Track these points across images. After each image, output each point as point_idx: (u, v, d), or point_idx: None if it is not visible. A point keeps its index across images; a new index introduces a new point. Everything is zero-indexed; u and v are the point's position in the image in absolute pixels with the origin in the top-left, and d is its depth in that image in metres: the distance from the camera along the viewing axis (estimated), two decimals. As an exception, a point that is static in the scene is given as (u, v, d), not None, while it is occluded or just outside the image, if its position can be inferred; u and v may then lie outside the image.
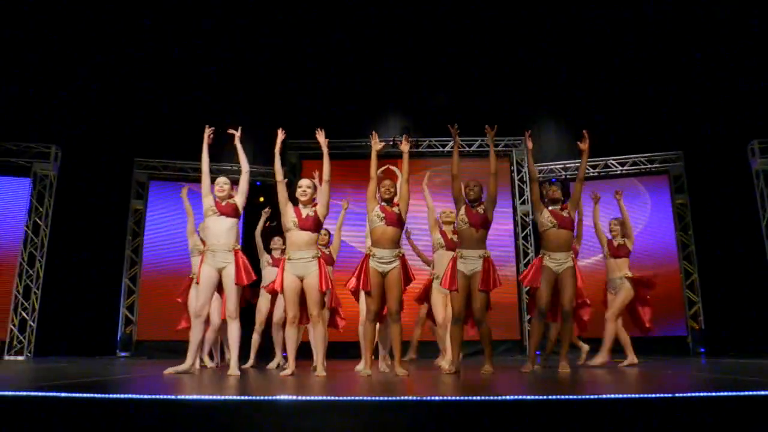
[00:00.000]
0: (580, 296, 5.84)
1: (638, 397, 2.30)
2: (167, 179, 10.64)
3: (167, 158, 10.61)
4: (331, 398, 2.48)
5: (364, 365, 5.35)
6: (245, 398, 2.54)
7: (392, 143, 10.55)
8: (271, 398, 2.46)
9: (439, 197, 6.62)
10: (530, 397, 2.35)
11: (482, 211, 4.87)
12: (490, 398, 2.35)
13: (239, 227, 5.06)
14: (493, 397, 2.36)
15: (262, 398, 2.50)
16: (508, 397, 2.35)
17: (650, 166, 10.41)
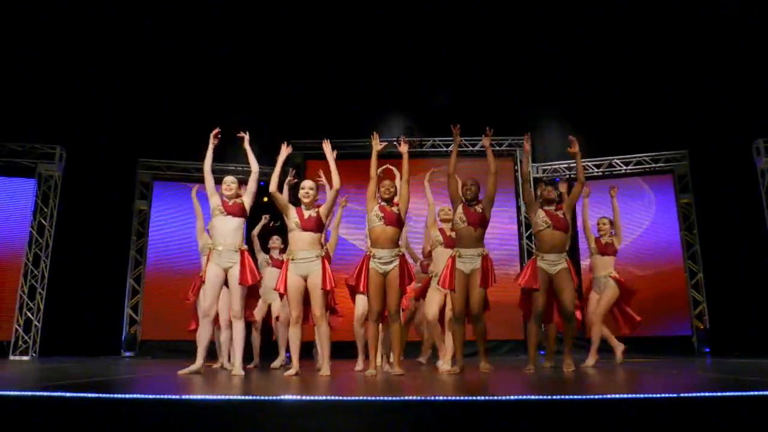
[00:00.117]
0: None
1: (643, 397, 2.29)
2: (171, 179, 10.66)
3: (171, 158, 10.63)
4: (335, 398, 2.47)
5: (361, 365, 5.35)
6: (249, 398, 2.54)
7: (396, 143, 10.56)
8: (275, 398, 2.46)
9: (440, 196, 6.61)
10: (535, 397, 2.35)
11: (480, 210, 4.86)
12: (494, 398, 2.35)
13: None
14: (497, 397, 2.36)
15: (266, 398, 2.49)
16: (512, 397, 2.35)
17: (655, 165, 10.38)
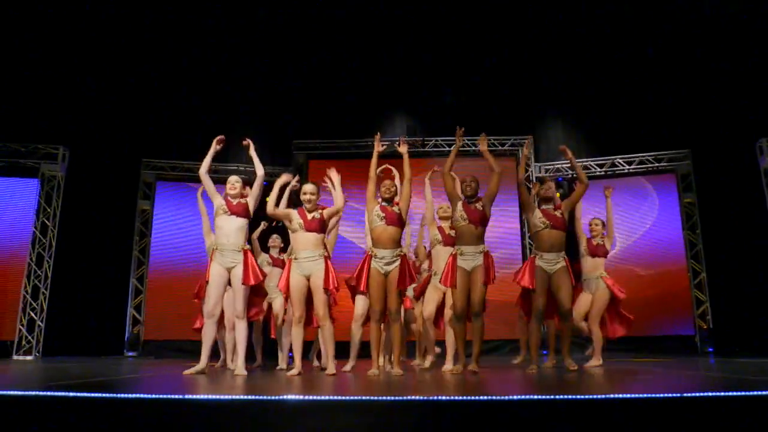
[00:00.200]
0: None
1: (646, 397, 2.28)
2: (174, 179, 10.67)
3: (174, 158, 10.64)
4: (338, 398, 2.48)
5: (350, 365, 5.37)
6: (252, 398, 2.54)
7: (398, 143, 10.56)
8: (278, 398, 2.46)
9: (440, 195, 6.59)
10: (539, 397, 2.34)
11: (481, 207, 4.84)
12: (498, 398, 2.34)
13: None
14: (501, 397, 2.36)
15: (269, 398, 2.49)
16: (515, 396, 2.35)
17: (658, 164, 10.36)
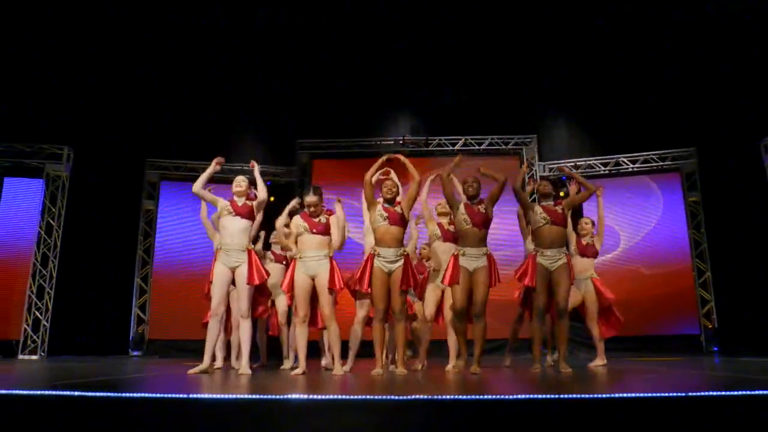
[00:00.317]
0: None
1: (651, 396, 2.28)
2: (179, 179, 10.67)
3: (179, 158, 10.65)
4: (342, 397, 2.47)
5: (349, 365, 5.36)
6: (256, 397, 2.54)
7: (402, 142, 10.56)
8: (282, 397, 2.46)
9: (436, 193, 6.57)
10: (543, 396, 2.34)
11: (483, 210, 4.82)
12: (504, 397, 2.34)
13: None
14: (506, 396, 2.35)
15: (273, 397, 2.49)
16: (521, 396, 2.34)
17: (662, 163, 10.32)
